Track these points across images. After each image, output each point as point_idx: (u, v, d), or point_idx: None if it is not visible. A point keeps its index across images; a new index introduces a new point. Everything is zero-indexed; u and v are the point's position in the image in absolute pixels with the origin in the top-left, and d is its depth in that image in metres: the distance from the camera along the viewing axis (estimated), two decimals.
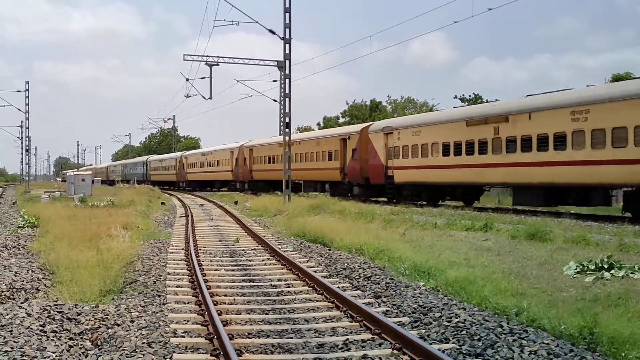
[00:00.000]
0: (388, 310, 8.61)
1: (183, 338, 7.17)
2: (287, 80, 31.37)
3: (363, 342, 7.08)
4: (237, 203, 35.69)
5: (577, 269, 10.39)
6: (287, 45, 30.48)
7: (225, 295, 9.70)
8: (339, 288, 9.76)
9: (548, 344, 6.55)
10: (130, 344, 6.69)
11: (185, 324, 7.86)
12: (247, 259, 13.75)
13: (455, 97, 62.44)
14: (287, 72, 31.16)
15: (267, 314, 8.59)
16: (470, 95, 60.76)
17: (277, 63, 40.77)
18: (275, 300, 9.47)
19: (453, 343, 6.91)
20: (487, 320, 7.56)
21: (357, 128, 36.38)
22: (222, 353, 6.42)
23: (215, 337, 7.00)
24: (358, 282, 10.79)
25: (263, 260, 13.56)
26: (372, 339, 7.15)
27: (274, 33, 31.20)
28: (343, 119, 71.52)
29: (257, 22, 33.27)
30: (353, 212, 23.26)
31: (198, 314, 8.38)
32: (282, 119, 36.12)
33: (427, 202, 29.37)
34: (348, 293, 9.50)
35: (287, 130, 31.56)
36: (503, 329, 7.18)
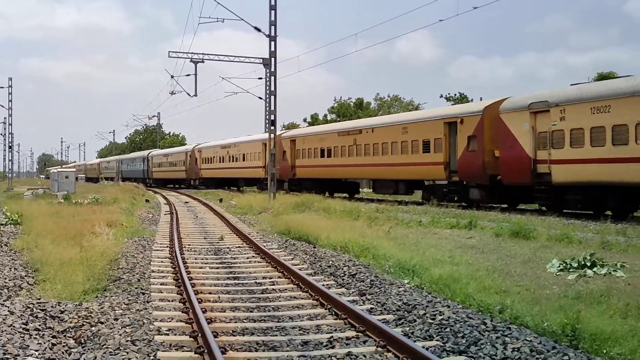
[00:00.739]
0: (373, 308, 8.64)
1: (167, 336, 7.14)
2: (272, 78, 31.33)
3: (347, 339, 7.09)
4: (222, 201, 35.62)
5: (560, 267, 10.48)
6: (272, 43, 30.43)
7: (210, 293, 9.67)
8: (324, 286, 9.77)
9: (531, 341, 6.60)
10: (114, 342, 6.66)
11: (170, 322, 7.83)
12: (231, 257, 13.72)
13: (441, 96, 62.72)
14: (272, 69, 31.12)
15: (251, 312, 8.58)
16: (456, 94, 61.11)
17: (262, 60, 40.82)
18: (260, 298, 9.46)
19: (437, 340, 6.95)
20: (470, 318, 7.61)
21: (477, 107, 26.30)
22: (206, 351, 6.40)
23: (200, 334, 6.98)
24: (343, 279, 10.81)
25: (248, 258, 13.53)
26: (356, 337, 7.17)
27: (259, 30, 31.19)
28: (331, 116, 71.33)
29: (242, 19, 33.32)
30: (338, 209, 23.30)
31: (182, 312, 8.35)
32: (267, 117, 36.06)
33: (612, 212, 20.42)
34: (333, 291, 9.52)
35: (272, 128, 31.55)
36: (486, 326, 7.22)
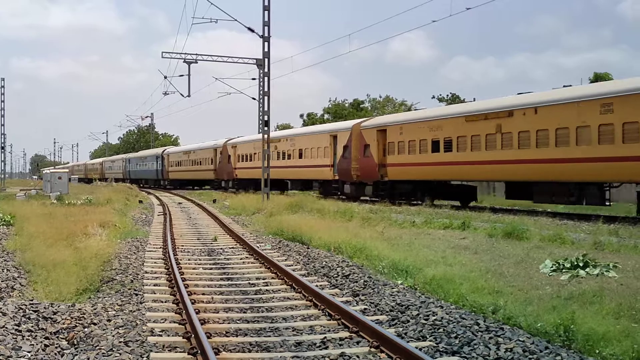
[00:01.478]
0: (366, 309, 8.64)
1: (160, 337, 7.13)
2: (266, 78, 31.30)
3: (341, 340, 7.10)
4: (215, 201, 35.57)
5: (553, 267, 10.50)
6: (266, 43, 30.40)
7: (203, 294, 9.66)
8: (317, 286, 9.77)
9: (524, 342, 6.63)
10: (107, 343, 6.64)
11: (163, 323, 7.82)
12: (225, 258, 13.71)
13: (433, 97, 62.92)
14: (266, 70, 31.09)
15: (245, 313, 8.57)
16: (448, 95, 61.27)
17: (256, 61, 40.78)
18: (254, 299, 9.46)
19: (430, 341, 6.96)
20: (464, 318, 7.63)
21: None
22: (199, 352, 6.40)
23: (193, 335, 6.97)
24: (336, 280, 10.81)
25: (241, 259, 13.52)
26: (350, 337, 7.18)
27: (253, 31, 31.13)
28: (327, 115, 71.62)
29: (235, 19, 33.42)
30: (332, 210, 23.28)
31: (176, 313, 8.34)
32: (261, 117, 36.02)
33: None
34: (326, 291, 9.52)
35: (265, 129, 31.54)
36: (480, 327, 7.24)
